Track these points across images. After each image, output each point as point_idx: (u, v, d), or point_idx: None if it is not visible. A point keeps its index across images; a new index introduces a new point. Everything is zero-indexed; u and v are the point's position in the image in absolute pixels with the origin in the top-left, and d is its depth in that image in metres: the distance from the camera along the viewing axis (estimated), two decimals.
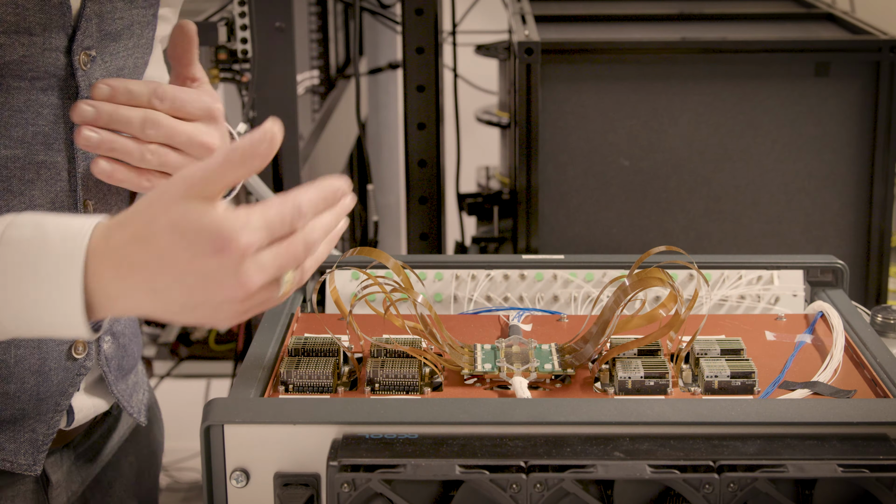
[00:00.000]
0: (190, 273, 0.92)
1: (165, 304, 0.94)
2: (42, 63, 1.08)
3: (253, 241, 0.91)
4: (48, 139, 1.11)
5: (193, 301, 0.93)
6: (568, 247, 1.86)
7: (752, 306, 1.29)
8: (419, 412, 0.98)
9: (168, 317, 0.96)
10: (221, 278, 0.91)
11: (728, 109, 1.83)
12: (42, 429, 1.16)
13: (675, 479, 0.93)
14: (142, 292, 0.94)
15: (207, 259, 0.91)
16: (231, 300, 0.93)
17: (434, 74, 2.15)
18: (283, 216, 0.93)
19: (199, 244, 0.91)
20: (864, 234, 1.85)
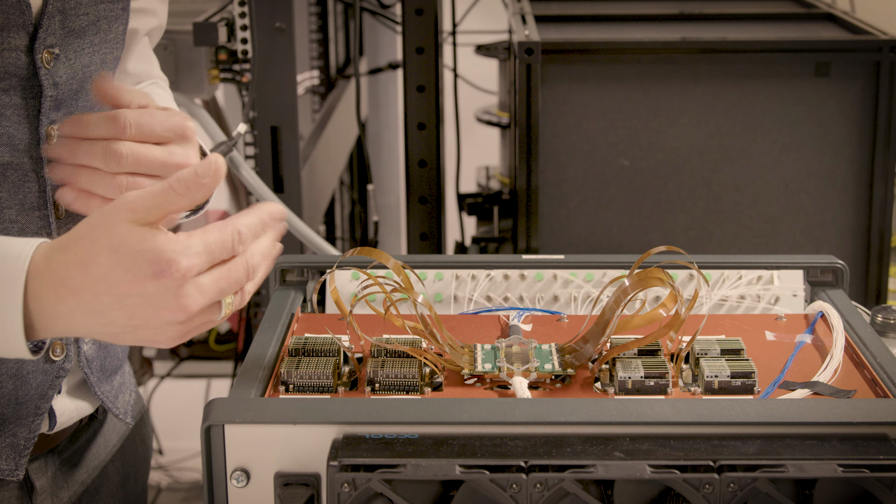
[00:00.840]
0: (130, 296, 0.93)
1: (106, 325, 0.95)
2: (2, 63, 1.06)
3: (193, 264, 0.92)
4: (13, 140, 1.09)
5: (134, 323, 0.94)
6: (568, 247, 1.86)
7: (752, 306, 1.29)
8: (419, 412, 0.98)
9: (109, 338, 0.96)
10: (162, 301, 0.92)
11: (728, 109, 1.83)
12: (23, 433, 1.15)
13: (675, 479, 0.93)
14: (82, 313, 0.94)
15: (147, 282, 0.92)
16: (171, 322, 0.94)
17: (434, 74, 2.15)
18: (224, 241, 0.95)
19: (140, 268, 0.92)
20: (864, 234, 1.85)
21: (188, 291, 0.93)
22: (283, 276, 1.32)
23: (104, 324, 0.95)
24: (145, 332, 0.95)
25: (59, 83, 1.12)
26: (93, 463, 1.30)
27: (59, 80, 1.12)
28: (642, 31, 2.06)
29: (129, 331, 0.95)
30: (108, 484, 1.33)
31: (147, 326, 0.95)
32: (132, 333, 0.96)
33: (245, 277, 0.97)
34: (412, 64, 2.15)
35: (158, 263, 0.92)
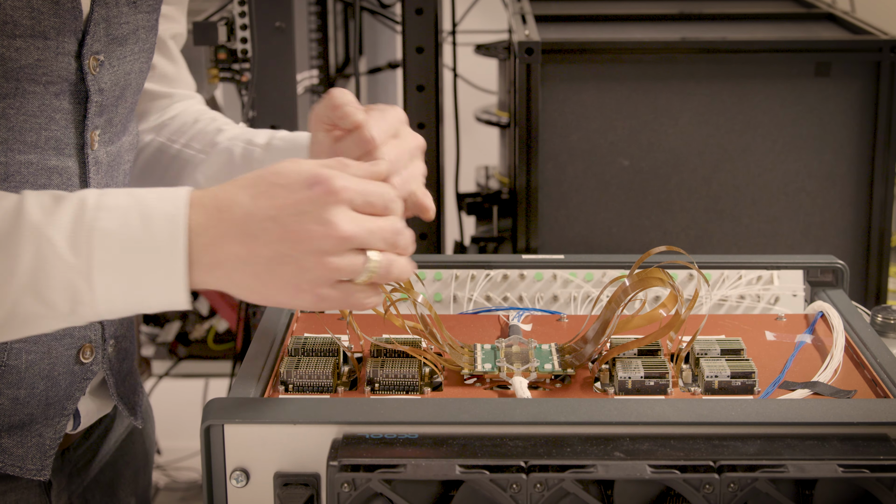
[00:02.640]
0: (284, 208, 0.94)
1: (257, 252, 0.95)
2: (55, 67, 1.08)
3: (347, 185, 0.95)
4: (59, 144, 1.11)
5: (283, 250, 0.94)
6: (568, 247, 1.85)
7: (752, 306, 1.29)
8: (419, 412, 0.98)
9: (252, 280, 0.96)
10: (312, 214, 0.94)
11: (728, 109, 1.82)
12: (49, 433, 1.17)
13: (676, 479, 0.93)
14: (237, 238, 0.95)
15: (301, 192, 0.94)
16: (318, 250, 0.94)
17: (434, 74, 2.15)
18: (382, 192, 0.97)
19: (296, 182, 0.95)
20: (864, 234, 1.85)
21: (338, 211, 0.95)
22: None
23: (255, 251, 0.95)
24: (289, 271, 0.95)
25: (103, 89, 1.14)
26: (105, 458, 1.32)
27: (104, 87, 1.14)
28: (642, 31, 2.06)
29: (274, 264, 0.95)
30: (119, 478, 1.35)
31: (293, 257, 0.94)
32: (277, 270, 0.95)
33: (392, 240, 0.98)
34: (412, 63, 2.15)
35: (314, 177, 0.95)
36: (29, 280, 0.95)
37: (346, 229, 0.95)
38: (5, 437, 1.14)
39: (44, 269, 0.95)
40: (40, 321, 0.97)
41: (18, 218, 0.96)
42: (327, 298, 0.97)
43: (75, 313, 0.97)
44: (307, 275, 0.95)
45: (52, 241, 0.95)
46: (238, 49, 2.02)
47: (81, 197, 0.97)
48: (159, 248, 0.95)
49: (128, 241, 0.95)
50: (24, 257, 0.94)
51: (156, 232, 0.95)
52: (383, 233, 0.97)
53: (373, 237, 0.96)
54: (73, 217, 0.95)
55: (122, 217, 0.96)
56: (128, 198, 0.97)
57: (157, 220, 0.95)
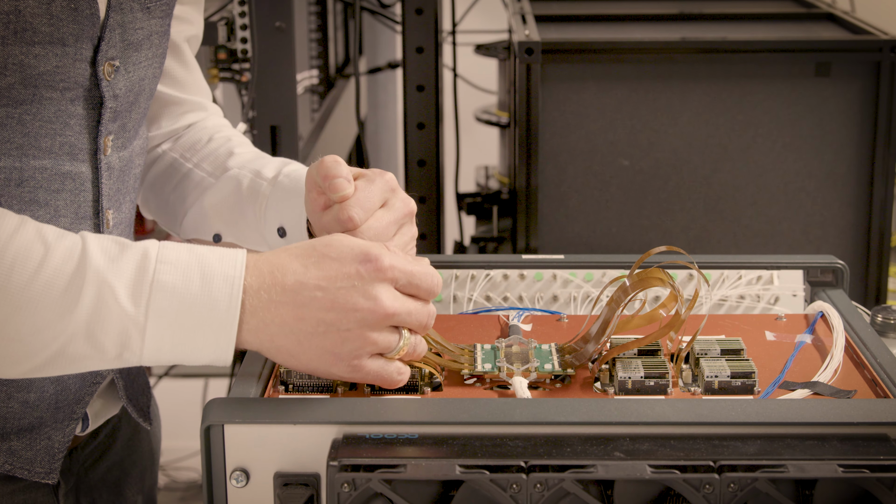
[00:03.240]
0: (335, 280, 0.98)
1: (302, 321, 0.98)
2: (73, 73, 1.09)
3: (395, 265, 1.00)
4: (73, 150, 1.12)
5: (329, 318, 0.98)
6: (567, 246, 1.86)
7: (752, 306, 1.29)
8: (419, 412, 0.98)
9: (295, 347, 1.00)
10: (359, 288, 0.98)
11: (728, 109, 1.82)
12: (58, 437, 1.17)
13: (676, 480, 0.93)
14: (285, 306, 0.98)
15: (352, 266, 0.98)
16: (361, 323, 0.98)
17: (434, 74, 2.15)
18: (427, 277, 1.02)
19: (347, 256, 0.99)
20: (864, 234, 1.85)
21: (383, 289, 0.99)
22: None
23: (302, 317, 0.98)
24: (329, 341, 0.99)
25: (118, 95, 1.14)
26: (113, 457, 1.32)
27: (119, 93, 1.14)
28: (642, 31, 2.06)
29: (317, 332, 0.98)
30: (126, 477, 1.35)
31: (337, 327, 0.98)
32: (319, 338, 0.99)
33: (425, 326, 1.03)
34: (412, 63, 2.15)
35: (365, 254, 0.99)
36: (85, 323, 0.97)
37: (390, 306, 0.99)
38: (14, 439, 1.14)
39: (101, 314, 0.97)
40: (85, 362, 0.99)
41: (82, 261, 0.97)
42: (361, 370, 1.01)
43: (120, 358, 0.99)
44: (347, 345, 0.99)
45: (113, 289, 0.97)
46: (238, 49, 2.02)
47: (144, 248, 0.99)
48: (216, 307, 0.98)
49: (187, 297, 0.98)
50: (85, 301, 0.96)
51: (215, 292, 0.98)
52: (420, 315, 1.02)
53: (410, 318, 1.01)
54: (136, 267, 0.98)
55: (183, 273, 0.98)
56: (188, 254, 1.00)
57: (216, 281, 0.98)
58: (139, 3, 1.15)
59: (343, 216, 1.09)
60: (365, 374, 1.01)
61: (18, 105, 1.06)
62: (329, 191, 1.11)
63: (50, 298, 0.96)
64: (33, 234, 0.98)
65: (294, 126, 2.07)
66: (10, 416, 1.14)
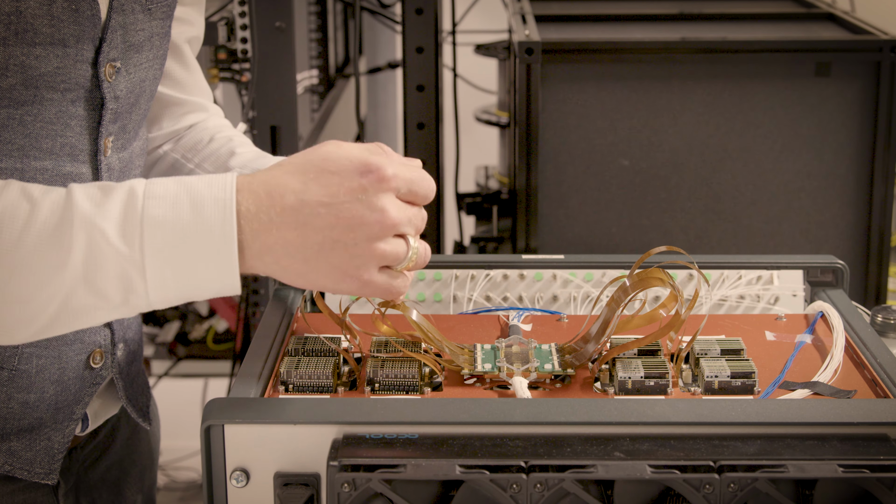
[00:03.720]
0: (337, 196, 0.96)
1: (307, 237, 0.96)
2: (74, 75, 1.09)
3: (397, 174, 0.97)
4: (74, 150, 1.11)
5: (334, 235, 0.96)
6: (567, 247, 1.86)
7: (752, 306, 1.29)
8: (419, 412, 0.98)
9: (301, 265, 0.97)
10: (364, 201, 0.96)
11: (728, 109, 1.82)
12: (58, 437, 1.18)
13: (676, 480, 0.93)
14: (288, 226, 0.96)
15: (354, 179, 0.96)
16: (368, 236, 0.96)
17: (434, 74, 2.15)
18: (424, 182, 1.00)
19: (348, 169, 0.96)
20: (864, 234, 1.85)
21: (388, 199, 0.97)
22: None
23: (307, 236, 0.96)
24: (337, 256, 0.97)
25: (119, 96, 1.14)
26: (112, 457, 1.33)
27: (120, 94, 1.14)
28: (642, 31, 2.06)
29: (324, 250, 0.96)
30: (126, 477, 1.35)
31: (344, 242, 0.96)
32: (327, 255, 0.97)
33: (422, 227, 1.01)
34: (412, 63, 2.15)
35: (366, 165, 0.97)
36: (82, 272, 0.94)
37: (395, 216, 0.98)
38: (14, 440, 1.14)
39: (96, 259, 0.94)
40: (92, 313, 0.97)
41: (67, 210, 0.95)
42: (371, 283, 0.99)
43: (127, 303, 0.97)
44: (356, 260, 0.97)
45: (103, 232, 0.94)
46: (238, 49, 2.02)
47: (129, 186, 0.97)
48: (211, 232, 0.95)
49: (179, 227, 0.95)
50: (77, 249, 0.94)
51: (207, 217, 0.95)
52: (417, 220, 1.01)
53: (410, 224, 1.00)
54: (123, 206, 0.95)
55: (172, 204, 0.96)
56: (176, 185, 0.97)
57: (207, 206, 0.96)
58: (140, 4, 1.15)
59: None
60: (374, 289, 0.99)
61: (20, 106, 1.05)
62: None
63: (42, 252, 0.94)
64: (17, 192, 0.96)
65: (294, 126, 2.07)
66: (10, 416, 1.14)
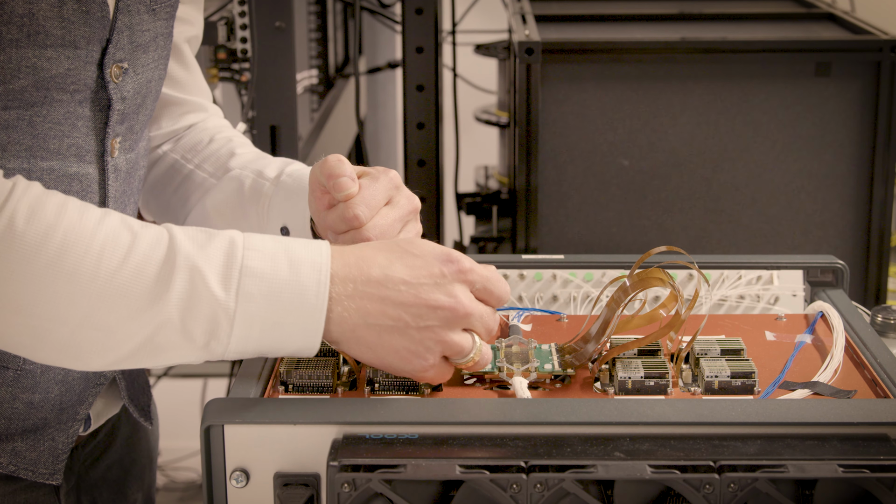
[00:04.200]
0: (417, 278, 0.99)
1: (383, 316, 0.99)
2: (83, 76, 1.09)
3: (474, 268, 1.01)
4: (80, 151, 1.11)
5: (409, 315, 0.99)
6: (567, 246, 1.85)
7: (752, 306, 1.29)
8: (419, 412, 0.98)
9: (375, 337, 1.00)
10: (440, 285, 0.99)
11: (728, 109, 1.82)
12: (62, 438, 1.18)
13: (676, 480, 0.93)
14: (365, 299, 0.99)
15: (434, 265, 1.00)
16: (440, 322, 0.99)
17: (434, 74, 2.15)
18: (500, 283, 1.03)
19: (429, 257, 1.01)
20: (864, 234, 1.85)
21: (463, 290, 1.01)
22: None
23: (385, 310, 0.99)
24: (407, 337, 0.99)
25: (126, 97, 1.14)
26: (113, 456, 1.33)
27: (127, 95, 1.14)
28: (642, 31, 2.06)
29: (398, 326, 0.99)
30: (127, 476, 1.35)
31: (417, 322, 0.99)
32: (400, 333, 0.99)
33: (493, 328, 1.03)
34: (412, 63, 2.15)
35: (447, 255, 1.01)
36: (177, 310, 0.95)
37: (468, 306, 1.00)
38: (19, 440, 1.14)
39: (192, 300, 0.95)
40: (171, 352, 0.98)
41: (171, 246, 0.96)
42: (430, 369, 1.01)
43: (207, 348, 0.97)
44: (425, 343, 1.00)
45: (204, 275, 0.95)
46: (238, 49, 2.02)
47: (230, 236, 0.98)
48: (305, 292, 0.97)
49: (275, 282, 0.97)
50: (176, 287, 0.95)
51: (303, 277, 0.97)
52: (489, 320, 1.03)
53: (482, 322, 1.02)
54: (224, 253, 0.97)
55: (271, 259, 0.97)
56: (274, 242, 0.99)
57: (304, 266, 0.98)
58: (145, 4, 1.14)
59: (348, 214, 1.09)
60: (431, 375, 1.02)
61: (30, 107, 1.05)
62: (333, 190, 1.10)
63: (140, 285, 0.94)
64: (119, 222, 0.97)
65: (294, 126, 2.07)
66: (15, 416, 1.14)
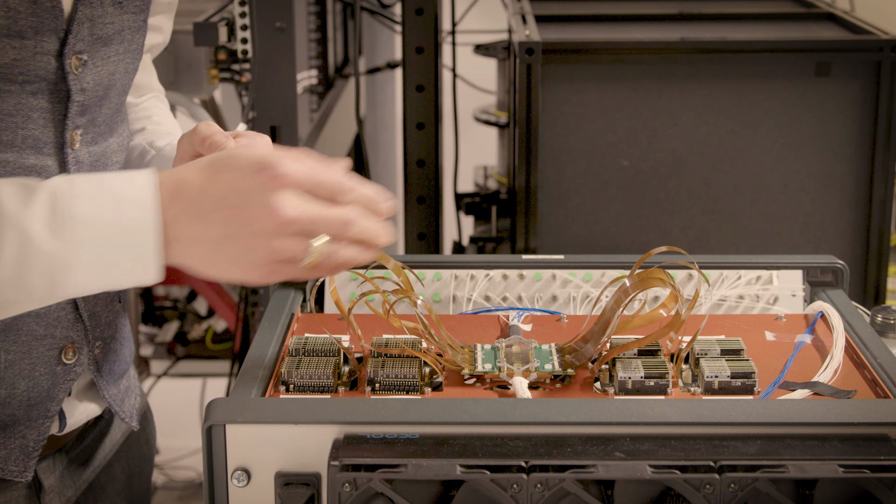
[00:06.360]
0: (232, 193, 0.97)
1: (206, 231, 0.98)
2: (33, 67, 1.08)
3: (292, 171, 0.98)
4: (38, 143, 1.11)
5: (230, 231, 0.97)
6: (567, 247, 1.86)
7: (751, 306, 1.29)
8: (420, 412, 0.98)
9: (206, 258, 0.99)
10: (256, 199, 0.97)
11: (728, 109, 1.82)
12: (32, 435, 1.16)
13: (676, 480, 0.93)
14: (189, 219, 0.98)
15: (248, 178, 0.97)
16: (261, 232, 0.97)
17: (433, 74, 2.15)
18: (329, 180, 1.00)
19: (244, 167, 0.98)
20: (863, 234, 1.85)
21: (281, 197, 0.97)
22: None
23: (205, 230, 0.98)
24: (236, 249, 0.98)
25: (86, 89, 1.14)
26: (99, 462, 1.31)
27: (87, 86, 1.14)
28: (642, 31, 2.06)
29: (222, 244, 0.98)
30: (113, 482, 1.34)
31: (239, 237, 0.98)
32: (225, 249, 0.98)
33: (337, 228, 1.00)
34: (412, 63, 2.15)
35: (260, 163, 0.98)
36: (12, 270, 0.96)
37: (287, 214, 0.97)
38: None
39: (25, 258, 0.96)
40: (14, 306, 1.00)
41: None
42: (276, 273, 1.00)
43: (51, 296, 0.99)
44: (252, 254, 0.98)
45: (31, 232, 0.96)
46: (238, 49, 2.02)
47: (52, 186, 0.98)
48: (133, 231, 0.98)
49: (102, 226, 0.97)
50: (7, 249, 0.96)
51: (128, 216, 0.98)
52: (328, 221, 0.99)
53: (316, 225, 0.99)
54: (48, 206, 0.97)
55: (95, 203, 0.98)
56: (98, 184, 0.99)
57: (128, 205, 0.98)
58: None
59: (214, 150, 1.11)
60: (280, 276, 1.01)
61: None
62: (210, 149, 1.12)
63: None
64: None
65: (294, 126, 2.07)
66: None
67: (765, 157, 1.83)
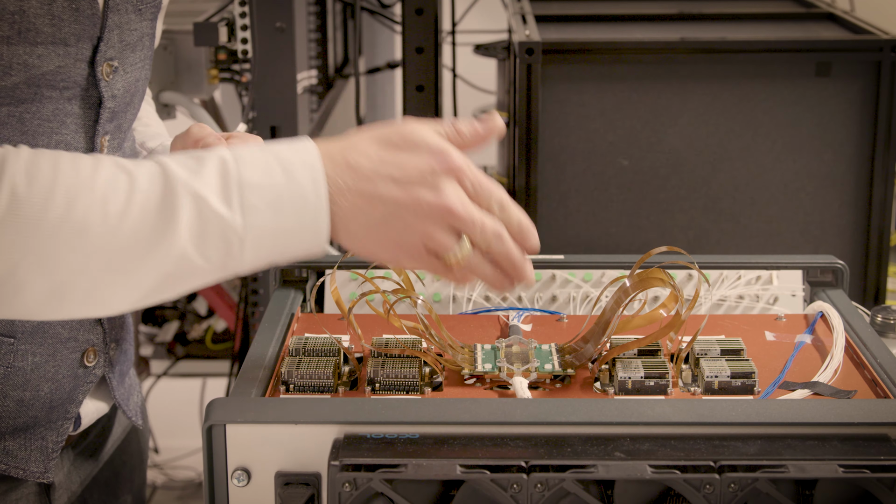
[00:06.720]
0: (407, 165, 0.98)
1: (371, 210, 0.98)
2: (73, 73, 1.09)
3: (463, 165, 0.99)
4: (69, 148, 1.12)
5: (394, 211, 0.97)
6: (567, 247, 1.86)
7: (751, 306, 1.29)
8: (420, 412, 0.98)
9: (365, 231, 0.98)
10: (430, 180, 0.97)
11: (728, 109, 1.82)
12: (52, 437, 1.18)
13: (676, 480, 0.93)
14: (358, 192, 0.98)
15: (424, 158, 0.98)
16: (425, 216, 0.97)
17: (433, 74, 2.15)
18: (491, 187, 1.00)
19: (421, 147, 0.98)
20: (863, 234, 1.85)
21: (450, 186, 0.98)
22: (283, 275, 1.32)
23: (372, 205, 0.97)
24: (395, 229, 0.98)
25: (116, 95, 1.14)
26: (104, 457, 1.33)
27: (117, 93, 1.14)
28: (642, 31, 2.06)
29: (386, 220, 0.98)
30: (117, 477, 1.36)
31: (402, 217, 0.97)
32: (386, 226, 0.98)
33: (489, 237, 1.00)
34: (412, 64, 2.15)
35: (437, 147, 0.99)
36: (189, 238, 0.95)
37: (453, 203, 0.98)
38: (9, 439, 1.15)
39: (201, 225, 0.95)
40: (192, 279, 0.97)
41: (168, 178, 0.95)
42: (422, 260, 1.00)
43: (225, 268, 0.97)
44: (410, 237, 0.98)
45: (206, 198, 0.95)
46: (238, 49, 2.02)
47: (219, 154, 0.98)
48: (305, 194, 0.96)
49: (274, 190, 0.96)
50: (184, 216, 0.94)
51: (299, 179, 0.97)
52: (483, 226, 0.99)
53: (472, 225, 0.99)
54: (219, 173, 0.96)
55: (263, 167, 0.97)
56: (261, 151, 0.98)
57: (297, 170, 0.97)
58: (132, 4, 1.15)
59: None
60: (428, 268, 1.00)
61: (20, 104, 1.06)
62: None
63: (149, 222, 0.94)
64: (112, 164, 0.96)
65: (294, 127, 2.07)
66: (6, 415, 1.14)
67: (765, 157, 1.83)
